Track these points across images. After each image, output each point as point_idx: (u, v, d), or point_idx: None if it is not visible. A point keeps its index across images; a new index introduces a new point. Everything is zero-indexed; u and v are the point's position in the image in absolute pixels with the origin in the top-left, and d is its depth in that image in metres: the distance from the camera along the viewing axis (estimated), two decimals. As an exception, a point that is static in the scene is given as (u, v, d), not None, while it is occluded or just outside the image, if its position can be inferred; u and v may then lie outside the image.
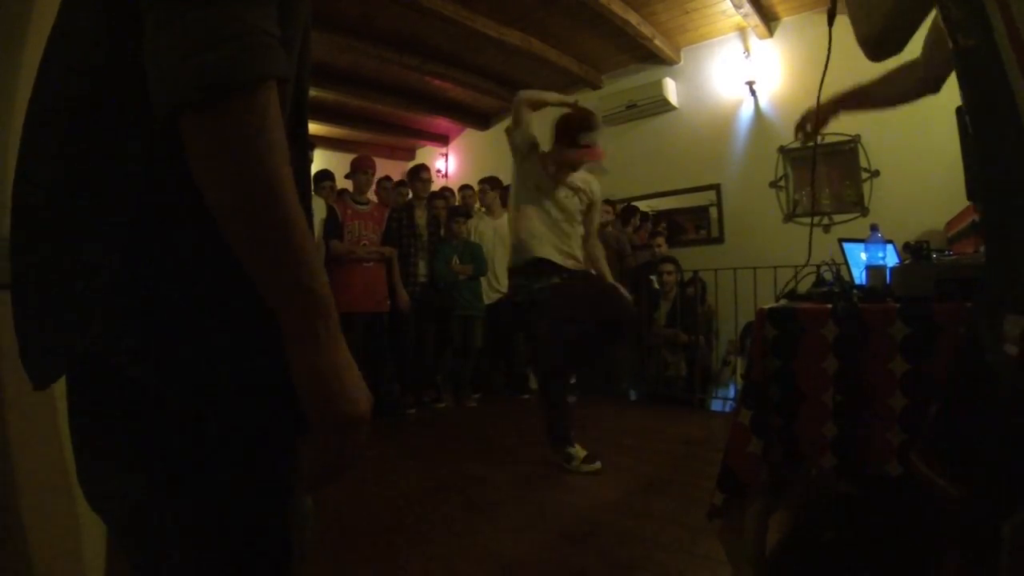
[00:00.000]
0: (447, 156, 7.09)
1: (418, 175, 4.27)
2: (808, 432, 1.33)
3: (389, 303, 3.81)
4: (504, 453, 2.99)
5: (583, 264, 2.80)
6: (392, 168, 6.05)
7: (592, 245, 2.90)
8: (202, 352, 0.48)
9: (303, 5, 0.54)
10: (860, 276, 1.65)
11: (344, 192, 4.03)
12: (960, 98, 0.77)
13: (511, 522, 2.06)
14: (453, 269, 4.05)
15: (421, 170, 4.32)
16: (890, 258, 1.59)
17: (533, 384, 4.20)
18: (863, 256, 1.62)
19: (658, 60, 4.94)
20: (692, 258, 4.56)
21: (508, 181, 3.94)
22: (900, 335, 1.23)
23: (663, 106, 4.96)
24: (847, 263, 1.75)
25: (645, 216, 5.04)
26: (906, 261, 1.46)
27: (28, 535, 0.93)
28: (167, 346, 0.47)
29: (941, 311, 1.19)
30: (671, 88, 4.91)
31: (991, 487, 0.73)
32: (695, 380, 4.08)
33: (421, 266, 4.10)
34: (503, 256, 4.24)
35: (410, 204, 4.25)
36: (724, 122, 4.75)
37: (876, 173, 4.05)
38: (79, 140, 0.49)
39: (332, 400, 0.47)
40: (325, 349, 0.47)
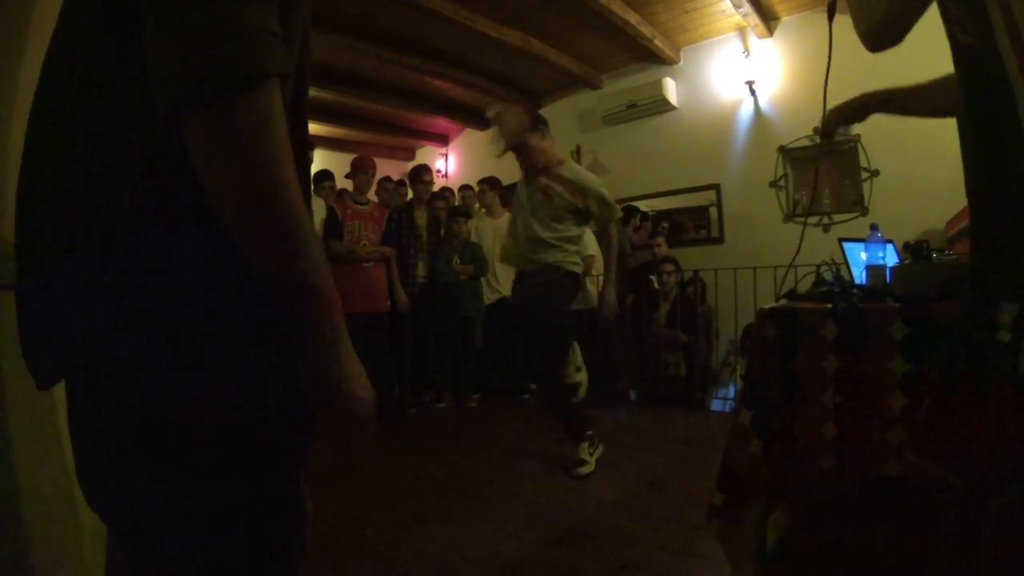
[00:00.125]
0: (447, 156, 7.08)
1: (420, 176, 4.26)
2: (808, 432, 1.33)
3: (388, 303, 3.81)
4: (504, 453, 2.99)
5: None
6: (392, 168, 6.05)
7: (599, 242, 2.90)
8: (204, 352, 0.48)
9: (303, 4, 0.54)
10: (860, 276, 1.65)
11: (344, 192, 4.03)
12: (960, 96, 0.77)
13: (511, 522, 2.06)
14: (454, 269, 4.05)
15: (423, 171, 4.32)
16: (890, 258, 1.59)
17: (533, 384, 4.19)
18: (863, 256, 1.62)
19: (658, 60, 4.94)
20: (692, 258, 4.56)
21: (508, 181, 3.94)
22: (900, 335, 1.22)
23: (663, 106, 4.95)
24: (847, 263, 1.75)
25: (645, 216, 5.04)
26: (906, 261, 1.46)
27: (28, 535, 0.93)
28: (169, 345, 0.48)
29: (941, 311, 1.19)
30: (671, 88, 4.91)
31: (981, 473, 0.74)
32: (695, 380, 4.08)
33: (420, 266, 4.10)
34: (503, 256, 4.25)
35: (410, 204, 4.25)
36: (724, 122, 4.74)
37: (876, 173, 4.05)
38: (81, 140, 0.49)
39: (338, 397, 0.48)
40: (331, 346, 0.47)
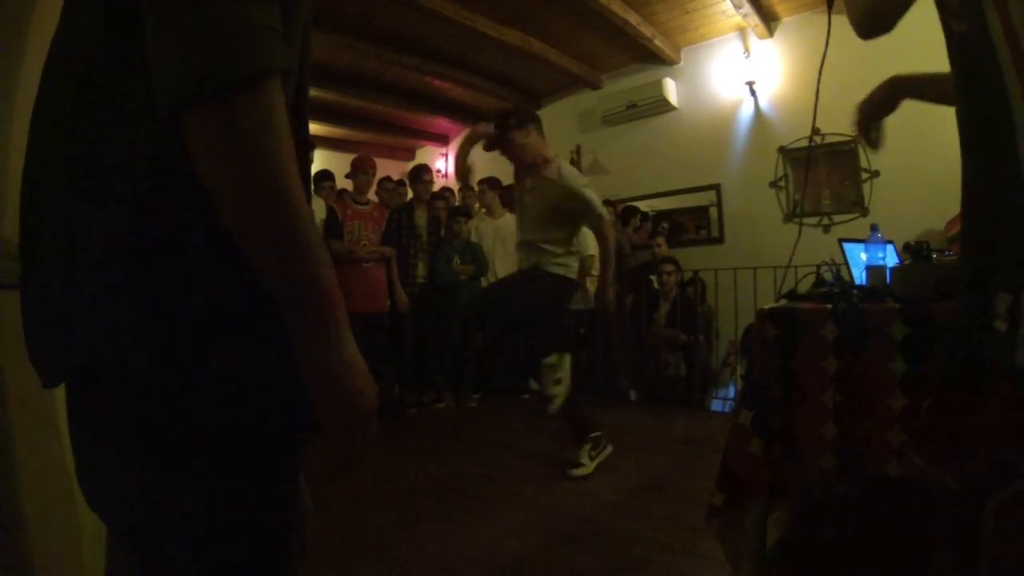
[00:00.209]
0: (447, 156, 7.08)
1: (420, 176, 4.26)
2: (808, 432, 1.33)
3: (388, 303, 3.81)
4: (504, 453, 2.99)
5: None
6: (392, 168, 6.04)
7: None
8: (204, 352, 0.48)
9: (304, 4, 0.54)
10: (860, 276, 1.65)
11: (344, 192, 4.03)
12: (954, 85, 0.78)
13: (511, 522, 2.06)
14: (454, 269, 4.05)
15: (423, 171, 4.31)
16: (890, 258, 1.59)
17: (533, 384, 4.19)
18: (863, 256, 1.62)
19: (658, 60, 4.94)
20: (692, 258, 4.56)
21: (507, 181, 3.93)
22: (900, 335, 1.23)
23: (663, 106, 4.95)
24: (847, 263, 1.75)
25: (645, 216, 5.04)
26: (906, 261, 1.46)
27: (28, 535, 0.93)
28: (169, 345, 0.48)
29: (941, 311, 1.19)
30: (671, 88, 4.91)
31: (980, 472, 0.74)
32: (695, 380, 4.08)
33: (420, 267, 4.09)
34: (503, 256, 4.24)
35: (410, 204, 4.24)
36: (724, 122, 4.74)
37: (876, 173, 4.04)
38: (81, 140, 0.49)
39: (342, 394, 0.47)
40: (334, 343, 0.47)
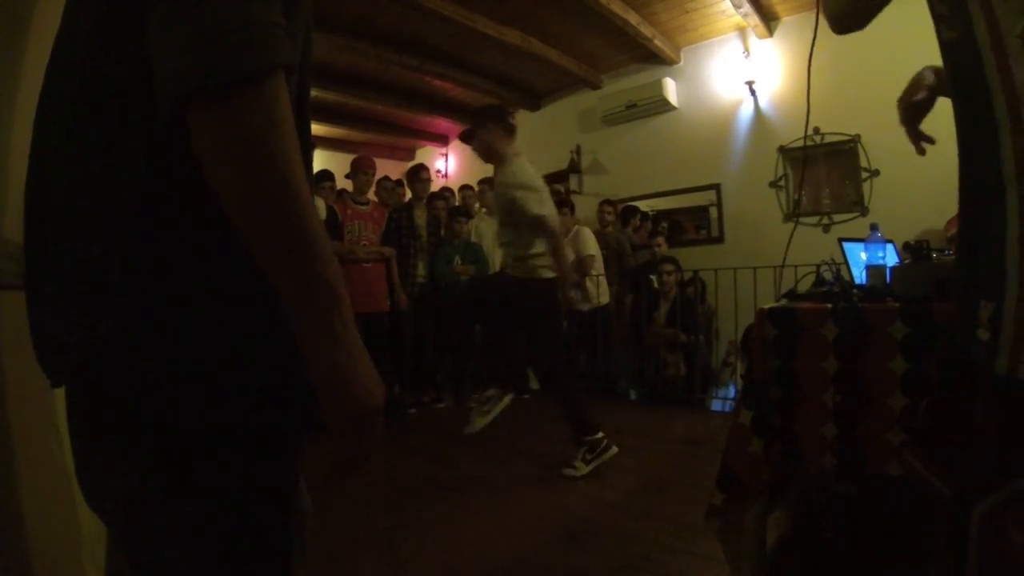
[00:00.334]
0: (447, 156, 7.08)
1: (418, 175, 4.26)
2: (808, 432, 1.33)
3: (388, 303, 3.80)
4: (504, 452, 2.99)
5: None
6: (392, 168, 6.04)
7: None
8: (207, 351, 0.48)
9: (305, 3, 0.54)
10: (860, 276, 1.65)
11: (344, 192, 4.03)
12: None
13: (511, 522, 2.06)
14: (455, 269, 4.05)
15: (420, 170, 4.32)
16: (890, 258, 1.59)
17: (534, 384, 4.19)
18: (863, 256, 1.62)
19: (658, 60, 4.94)
20: (692, 258, 4.56)
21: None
22: (900, 335, 1.23)
23: (663, 106, 4.95)
24: (847, 263, 1.75)
25: (645, 216, 5.04)
26: (906, 261, 1.46)
27: (28, 535, 0.93)
28: (170, 345, 0.48)
29: (941, 311, 1.19)
30: (671, 88, 4.91)
31: (968, 477, 0.74)
32: (695, 380, 4.08)
33: (420, 266, 4.09)
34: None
35: (409, 204, 4.25)
36: (724, 122, 4.74)
37: (876, 173, 4.04)
38: (85, 139, 0.49)
39: (349, 391, 0.47)
40: (341, 340, 0.47)
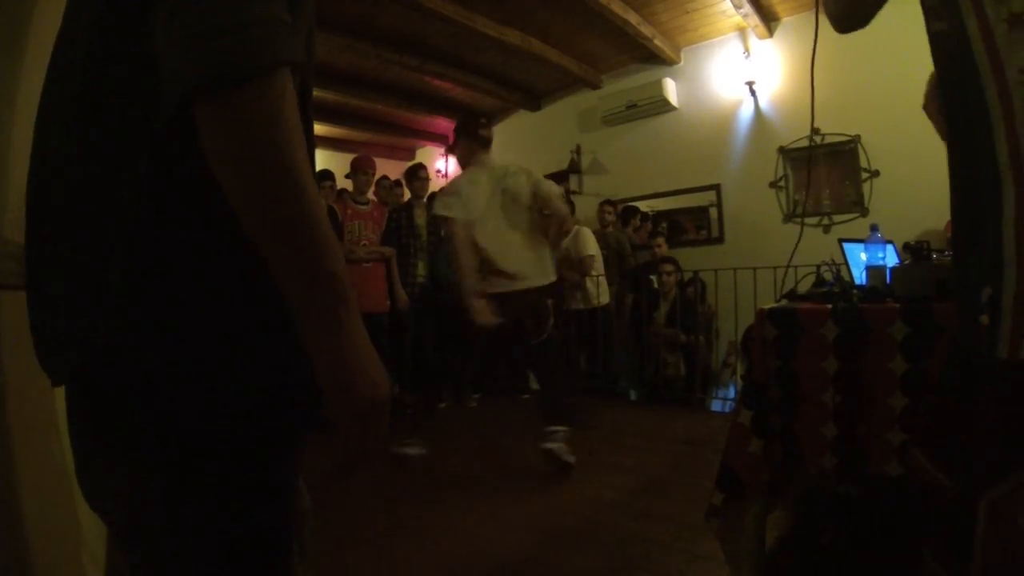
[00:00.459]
0: (447, 156, 7.08)
1: (416, 174, 4.25)
2: (808, 432, 1.33)
3: (389, 303, 3.80)
4: (504, 452, 2.99)
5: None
6: (392, 168, 6.04)
7: None
8: (207, 350, 0.48)
9: (308, 3, 0.54)
10: (860, 276, 1.65)
11: (344, 192, 4.03)
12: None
13: (511, 522, 2.06)
14: (455, 269, 4.04)
15: (419, 169, 4.31)
16: (890, 258, 1.59)
17: (533, 384, 4.20)
18: (863, 256, 1.63)
19: (658, 60, 4.94)
20: (692, 258, 4.55)
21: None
22: (900, 335, 1.23)
23: (663, 106, 4.95)
24: (847, 263, 1.75)
25: (645, 216, 5.04)
26: (906, 261, 1.46)
27: (28, 535, 0.93)
28: (170, 344, 0.48)
29: (941, 311, 1.19)
30: (671, 88, 4.91)
31: (971, 469, 0.74)
32: (695, 380, 4.08)
33: (420, 266, 4.09)
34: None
35: (409, 204, 4.24)
36: (724, 122, 4.74)
37: (876, 173, 4.04)
38: (85, 139, 0.49)
39: (355, 385, 0.47)
40: (347, 333, 0.46)
